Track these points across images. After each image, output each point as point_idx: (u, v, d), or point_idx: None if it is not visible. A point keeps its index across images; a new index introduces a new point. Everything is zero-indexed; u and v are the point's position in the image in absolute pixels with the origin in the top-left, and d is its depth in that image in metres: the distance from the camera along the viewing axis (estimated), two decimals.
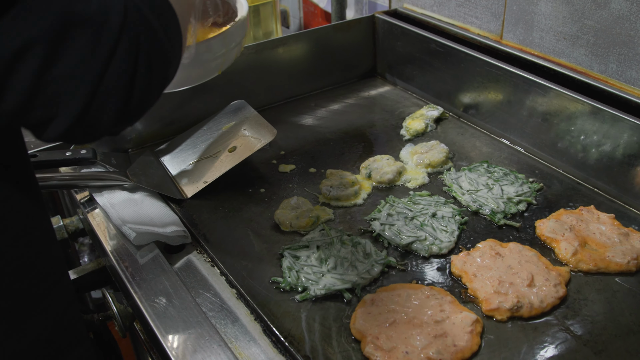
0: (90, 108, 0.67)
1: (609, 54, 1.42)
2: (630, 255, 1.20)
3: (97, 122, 0.69)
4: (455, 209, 1.36)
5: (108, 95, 0.67)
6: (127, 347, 1.70)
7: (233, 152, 1.50)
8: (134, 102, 0.71)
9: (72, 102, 0.66)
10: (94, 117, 0.68)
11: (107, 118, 0.69)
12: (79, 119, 0.67)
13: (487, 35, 1.75)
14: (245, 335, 1.08)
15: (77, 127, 0.68)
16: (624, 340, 1.05)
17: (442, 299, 1.11)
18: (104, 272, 1.39)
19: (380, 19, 2.02)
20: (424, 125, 1.73)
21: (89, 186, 1.43)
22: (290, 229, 1.33)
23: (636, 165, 1.35)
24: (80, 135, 0.72)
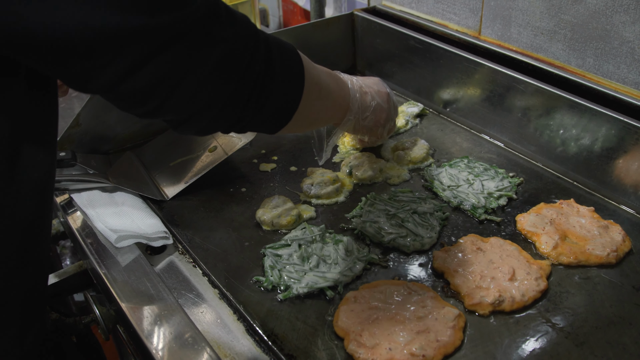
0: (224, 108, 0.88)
1: (586, 48, 1.44)
2: (609, 247, 1.21)
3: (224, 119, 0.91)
4: (436, 205, 1.37)
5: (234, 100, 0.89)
6: (111, 350, 1.69)
7: (213, 152, 1.50)
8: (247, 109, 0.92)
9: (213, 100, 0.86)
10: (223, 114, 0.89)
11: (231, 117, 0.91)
12: (215, 115, 0.88)
13: (465, 32, 1.75)
14: (229, 335, 1.08)
15: (211, 120, 0.89)
16: (604, 331, 1.06)
17: (424, 294, 1.11)
18: (86, 275, 1.38)
19: (359, 16, 2.02)
20: (404, 121, 1.74)
21: (69, 189, 1.42)
22: (272, 227, 1.33)
23: (614, 159, 1.36)
24: (209, 128, 0.93)
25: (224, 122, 0.92)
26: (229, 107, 0.88)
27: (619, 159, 1.36)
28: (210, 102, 0.85)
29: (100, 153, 1.63)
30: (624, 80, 1.38)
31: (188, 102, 0.82)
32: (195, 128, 0.90)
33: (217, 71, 0.81)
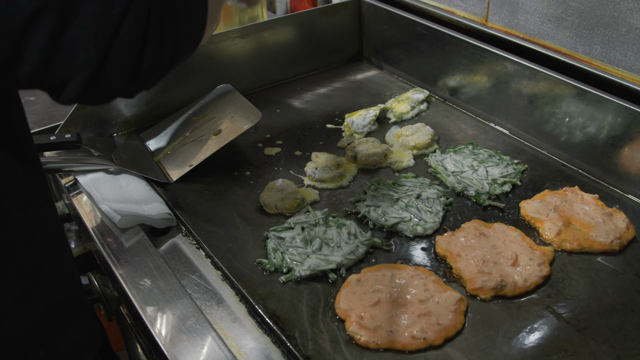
0: (103, 70, 0.68)
1: (593, 35, 1.43)
2: (613, 234, 1.21)
3: (109, 83, 0.70)
4: (440, 190, 1.36)
5: (119, 57, 0.68)
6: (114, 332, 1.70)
7: (218, 135, 1.50)
8: (144, 66, 0.72)
9: (85, 64, 0.67)
10: (106, 78, 0.69)
11: (120, 79, 0.70)
12: (93, 80, 0.68)
13: (472, 18, 1.75)
14: (230, 317, 1.08)
15: (91, 88, 0.70)
16: (606, 318, 1.06)
17: (426, 278, 1.12)
18: (90, 257, 1.39)
19: (366, 2, 2.01)
20: (410, 107, 1.73)
21: (74, 170, 1.42)
22: (276, 211, 1.33)
23: (620, 147, 1.36)
24: (95, 96, 0.73)
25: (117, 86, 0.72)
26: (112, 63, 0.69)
27: (625, 147, 1.35)
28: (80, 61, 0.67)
29: (105, 135, 1.64)
30: (630, 68, 1.37)
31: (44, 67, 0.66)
32: (75, 98, 0.71)
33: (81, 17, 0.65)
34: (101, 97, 0.74)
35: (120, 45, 0.68)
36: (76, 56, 0.66)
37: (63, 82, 0.68)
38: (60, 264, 0.95)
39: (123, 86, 0.72)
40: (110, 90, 0.72)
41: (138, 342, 1.34)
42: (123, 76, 0.70)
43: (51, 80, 0.68)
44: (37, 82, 0.69)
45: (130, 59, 0.69)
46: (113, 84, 0.71)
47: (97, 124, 1.61)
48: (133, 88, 0.75)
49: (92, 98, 0.73)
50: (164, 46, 0.72)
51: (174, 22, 0.73)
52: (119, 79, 0.70)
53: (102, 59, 0.67)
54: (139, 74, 0.72)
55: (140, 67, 0.71)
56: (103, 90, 0.71)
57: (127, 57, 0.69)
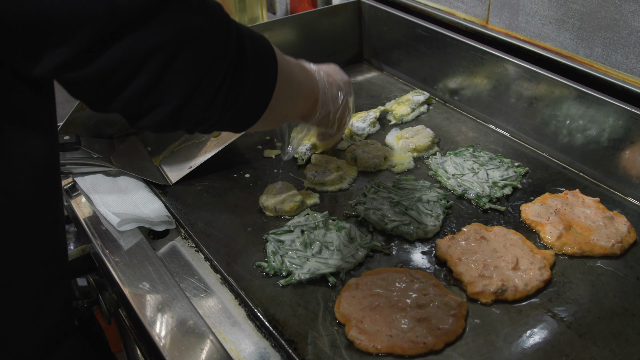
0: (188, 102, 0.80)
1: (594, 37, 1.42)
2: (614, 238, 1.20)
3: (186, 115, 0.82)
4: (440, 193, 1.36)
5: (200, 94, 0.81)
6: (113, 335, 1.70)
7: (218, 137, 1.49)
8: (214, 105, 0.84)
9: (176, 94, 0.78)
10: (187, 110, 0.81)
11: (195, 113, 0.83)
12: (177, 110, 0.80)
13: (473, 20, 1.74)
14: (230, 320, 1.08)
15: (171, 117, 0.81)
16: (607, 322, 1.06)
17: (426, 282, 1.11)
18: (89, 259, 1.38)
19: (366, 4, 2.01)
20: (410, 110, 1.73)
21: (72, 172, 1.41)
22: (275, 213, 1.33)
23: (621, 149, 1.36)
24: (168, 125, 0.84)
25: (186, 120, 0.84)
26: (192, 103, 0.81)
27: (626, 150, 1.35)
28: (172, 95, 0.78)
29: (104, 137, 1.63)
30: (632, 71, 1.36)
31: (144, 95, 0.76)
32: (153, 124, 0.82)
33: (181, 62, 0.76)
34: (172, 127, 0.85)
35: (204, 86, 0.80)
36: (172, 87, 0.77)
37: (152, 108, 0.79)
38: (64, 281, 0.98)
39: (194, 120, 0.84)
40: (183, 122, 0.84)
41: (137, 345, 1.34)
42: (198, 111, 0.83)
43: (143, 107, 0.79)
44: (129, 108, 0.79)
45: (207, 98, 0.82)
46: (189, 117, 0.83)
47: (96, 125, 1.60)
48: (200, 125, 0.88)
49: (164, 126, 0.83)
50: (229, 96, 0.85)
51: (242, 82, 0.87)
52: (195, 114, 0.83)
53: (189, 94, 0.79)
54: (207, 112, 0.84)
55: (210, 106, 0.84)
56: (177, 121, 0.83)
57: (205, 96, 0.82)
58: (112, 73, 0.72)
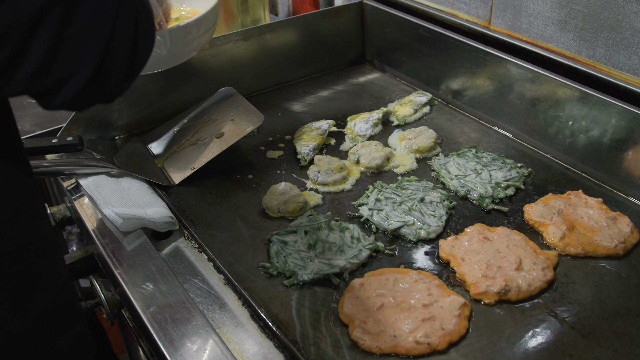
0: (103, 66, 0.69)
1: (597, 38, 1.42)
2: (617, 239, 1.20)
3: (106, 81, 0.72)
4: (443, 194, 1.36)
5: (115, 55, 0.70)
6: (116, 336, 1.70)
7: (220, 139, 1.49)
8: (136, 60, 0.74)
9: (87, 59, 0.68)
10: (105, 76, 0.71)
11: (115, 77, 0.73)
12: (93, 78, 0.70)
13: (475, 21, 1.74)
14: (233, 321, 1.08)
15: (90, 87, 0.70)
16: (611, 323, 1.06)
17: (430, 283, 1.11)
18: (92, 260, 1.39)
19: (368, 5, 2.01)
20: (412, 111, 1.73)
21: (75, 173, 1.41)
22: (278, 214, 1.33)
23: (624, 150, 1.35)
24: (89, 97, 0.74)
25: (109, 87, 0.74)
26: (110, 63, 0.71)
27: (629, 150, 1.35)
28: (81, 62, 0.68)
29: (107, 138, 1.63)
30: (635, 71, 1.37)
31: (46, 68, 0.66)
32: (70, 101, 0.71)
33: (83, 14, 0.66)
34: (94, 98, 0.75)
35: (117, 43, 0.69)
36: (79, 52, 0.67)
37: (63, 80, 0.69)
38: (53, 273, 0.94)
39: (117, 85, 0.74)
40: (105, 89, 0.73)
41: (140, 346, 1.34)
42: (118, 74, 0.72)
43: (51, 81, 0.68)
44: (35, 85, 0.69)
45: (126, 53, 0.71)
46: (109, 83, 0.72)
47: (99, 126, 1.61)
48: (124, 87, 0.76)
49: (85, 99, 0.73)
50: (148, 39, 0.75)
51: (148, 19, 0.76)
52: (115, 77, 0.72)
53: (103, 55, 0.69)
54: (132, 68, 0.74)
55: (133, 60, 0.73)
56: (99, 89, 0.72)
57: (123, 54, 0.71)
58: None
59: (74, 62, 0.67)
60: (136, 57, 0.74)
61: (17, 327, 0.87)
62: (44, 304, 0.92)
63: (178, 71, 1.63)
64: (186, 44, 1.36)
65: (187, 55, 1.42)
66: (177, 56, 1.39)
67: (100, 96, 0.74)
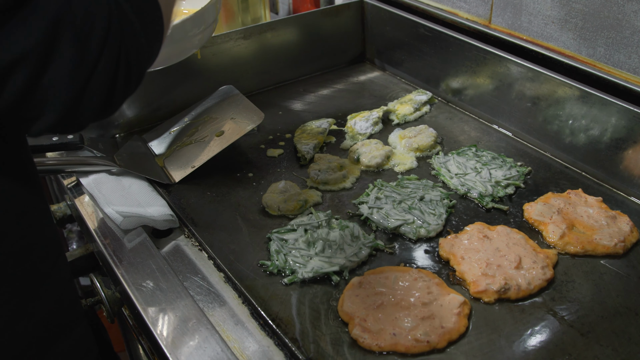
0: (76, 108, 0.70)
1: (597, 37, 1.42)
2: (617, 237, 1.20)
3: (79, 118, 0.72)
4: (443, 193, 1.36)
5: (92, 96, 0.70)
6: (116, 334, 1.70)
7: (221, 137, 1.49)
8: (115, 99, 0.74)
9: (57, 105, 0.68)
10: (78, 114, 0.71)
11: (90, 114, 0.72)
12: (64, 117, 0.70)
13: (475, 20, 1.74)
14: (233, 319, 1.08)
15: (61, 123, 0.71)
16: (610, 321, 1.06)
17: (429, 281, 1.11)
18: (92, 258, 1.39)
19: (369, 3, 2.01)
20: (413, 109, 1.73)
21: (76, 171, 1.42)
22: (278, 212, 1.33)
23: (623, 149, 1.36)
24: (64, 129, 0.74)
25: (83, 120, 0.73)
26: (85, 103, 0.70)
27: (628, 149, 1.35)
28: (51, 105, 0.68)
29: (107, 137, 1.64)
30: (634, 70, 1.37)
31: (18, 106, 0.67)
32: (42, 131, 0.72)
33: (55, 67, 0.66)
34: (69, 129, 0.75)
35: (94, 87, 0.70)
36: (49, 99, 0.67)
37: (34, 118, 0.69)
38: (57, 274, 0.94)
39: (92, 118, 0.74)
40: (80, 123, 0.74)
41: (140, 344, 1.34)
42: (93, 112, 0.72)
43: (23, 116, 0.69)
44: (10, 118, 0.70)
45: (101, 97, 0.71)
46: (83, 118, 0.72)
47: (100, 125, 1.61)
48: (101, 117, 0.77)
49: (61, 131, 0.74)
50: (131, 76, 0.75)
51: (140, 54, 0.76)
52: (89, 115, 0.72)
53: (75, 100, 0.69)
54: (109, 105, 0.74)
55: (111, 100, 0.73)
56: (72, 123, 0.73)
57: (99, 97, 0.71)
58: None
59: (45, 105, 0.68)
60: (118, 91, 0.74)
61: (21, 328, 0.88)
62: (48, 305, 0.92)
63: (178, 69, 1.64)
64: (186, 40, 1.36)
65: (187, 52, 1.42)
66: (177, 53, 1.39)
67: (76, 127, 0.75)
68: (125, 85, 0.74)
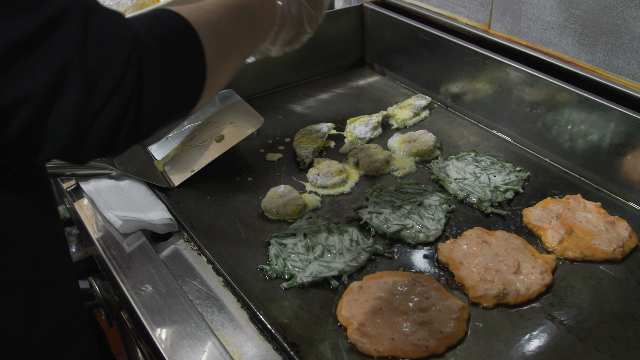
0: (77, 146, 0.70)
1: (596, 43, 1.43)
2: (616, 243, 1.20)
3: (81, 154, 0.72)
4: (442, 198, 1.36)
5: (93, 137, 0.70)
6: (114, 338, 1.70)
7: (220, 141, 1.50)
8: (117, 143, 0.73)
9: (60, 141, 0.68)
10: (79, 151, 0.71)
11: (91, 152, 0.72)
12: (65, 152, 0.71)
13: (475, 25, 1.75)
14: (232, 323, 1.08)
15: (62, 157, 0.72)
16: (609, 327, 1.06)
17: (428, 286, 1.11)
18: (91, 261, 1.39)
19: (369, 8, 2.01)
20: (412, 114, 1.73)
21: (75, 174, 1.42)
22: (277, 217, 1.33)
23: (622, 155, 1.36)
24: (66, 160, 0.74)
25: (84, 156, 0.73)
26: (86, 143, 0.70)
27: (627, 155, 1.35)
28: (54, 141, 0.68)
29: None
30: (633, 76, 1.37)
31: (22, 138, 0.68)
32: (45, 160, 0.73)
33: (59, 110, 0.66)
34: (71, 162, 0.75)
35: (97, 129, 0.69)
36: (53, 135, 0.67)
37: (36, 150, 0.70)
38: (65, 282, 0.95)
39: (93, 157, 0.73)
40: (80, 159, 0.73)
41: (138, 348, 1.34)
42: (94, 150, 0.72)
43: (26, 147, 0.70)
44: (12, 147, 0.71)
45: (103, 140, 0.71)
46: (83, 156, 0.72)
47: None
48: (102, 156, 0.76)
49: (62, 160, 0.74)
50: (139, 130, 0.74)
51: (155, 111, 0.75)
52: (90, 152, 0.72)
53: (77, 140, 0.69)
54: (110, 150, 0.73)
55: (113, 144, 0.72)
56: (72, 159, 0.73)
57: (101, 139, 0.70)
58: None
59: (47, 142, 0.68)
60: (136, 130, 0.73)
61: (30, 337, 0.88)
62: (56, 314, 0.93)
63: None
64: None
65: None
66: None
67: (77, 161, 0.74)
68: (130, 133, 0.73)
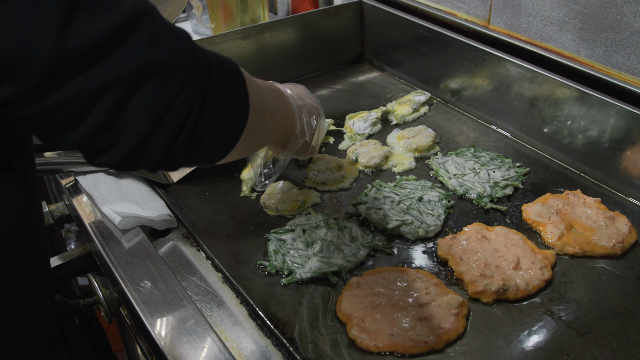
0: (147, 142, 0.73)
1: (595, 38, 1.42)
2: (615, 238, 1.20)
3: (146, 155, 0.75)
4: (441, 193, 1.36)
5: (161, 134, 0.74)
6: (114, 334, 1.70)
7: None
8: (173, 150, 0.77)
9: (134, 135, 0.72)
10: (146, 151, 0.74)
11: (155, 154, 0.76)
12: (135, 151, 0.74)
13: (474, 21, 1.74)
14: (231, 319, 1.08)
15: (129, 157, 0.75)
16: (608, 322, 1.06)
17: (428, 281, 1.11)
18: (90, 258, 1.39)
19: (367, 4, 2.01)
20: (411, 110, 1.73)
21: (74, 171, 1.42)
22: (277, 212, 1.33)
23: (622, 150, 1.36)
24: (127, 165, 0.77)
25: (146, 160, 0.77)
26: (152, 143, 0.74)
27: (627, 150, 1.35)
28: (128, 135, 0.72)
29: None
30: (633, 71, 1.37)
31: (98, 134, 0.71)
32: (110, 164, 0.76)
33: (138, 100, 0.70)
34: (132, 166, 0.78)
35: (166, 123, 0.73)
36: (128, 127, 0.71)
37: (107, 147, 0.73)
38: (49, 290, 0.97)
39: (156, 160, 0.77)
40: (144, 161, 0.77)
41: (138, 344, 1.34)
42: (159, 152, 0.75)
43: (97, 145, 0.73)
44: (82, 145, 0.73)
45: (170, 137, 0.75)
46: (148, 156, 0.76)
47: None
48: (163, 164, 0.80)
49: (123, 165, 0.77)
50: (192, 142, 0.78)
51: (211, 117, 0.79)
52: (155, 154, 0.75)
53: (149, 132, 0.73)
54: (167, 158, 0.77)
55: (169, 150, 0.76)
56: (138, 160, 0.76)
57: (168, 135, 0.74)
58: (59, 112, 0.67)
59: (121, 134, 0.71)
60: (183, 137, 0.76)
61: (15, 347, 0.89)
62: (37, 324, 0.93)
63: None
64: None
65: None
66: None
67: (140, 164, 0.78)
68: (187, 144, 0.77)
